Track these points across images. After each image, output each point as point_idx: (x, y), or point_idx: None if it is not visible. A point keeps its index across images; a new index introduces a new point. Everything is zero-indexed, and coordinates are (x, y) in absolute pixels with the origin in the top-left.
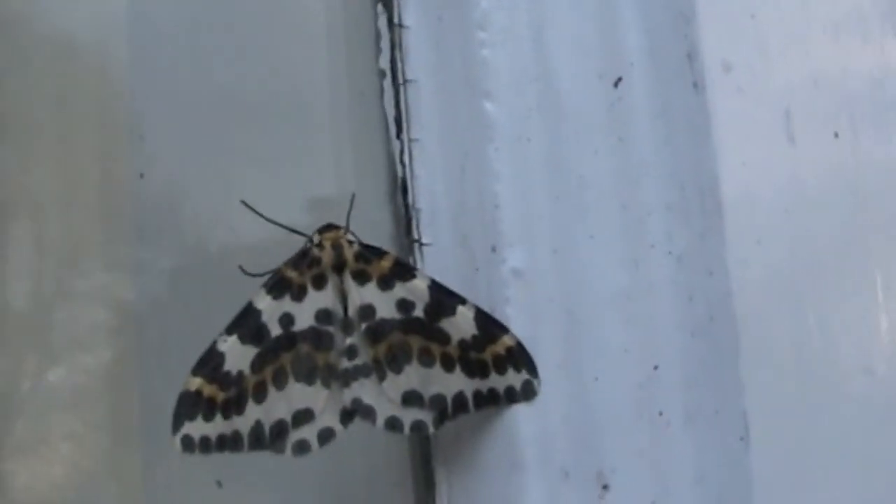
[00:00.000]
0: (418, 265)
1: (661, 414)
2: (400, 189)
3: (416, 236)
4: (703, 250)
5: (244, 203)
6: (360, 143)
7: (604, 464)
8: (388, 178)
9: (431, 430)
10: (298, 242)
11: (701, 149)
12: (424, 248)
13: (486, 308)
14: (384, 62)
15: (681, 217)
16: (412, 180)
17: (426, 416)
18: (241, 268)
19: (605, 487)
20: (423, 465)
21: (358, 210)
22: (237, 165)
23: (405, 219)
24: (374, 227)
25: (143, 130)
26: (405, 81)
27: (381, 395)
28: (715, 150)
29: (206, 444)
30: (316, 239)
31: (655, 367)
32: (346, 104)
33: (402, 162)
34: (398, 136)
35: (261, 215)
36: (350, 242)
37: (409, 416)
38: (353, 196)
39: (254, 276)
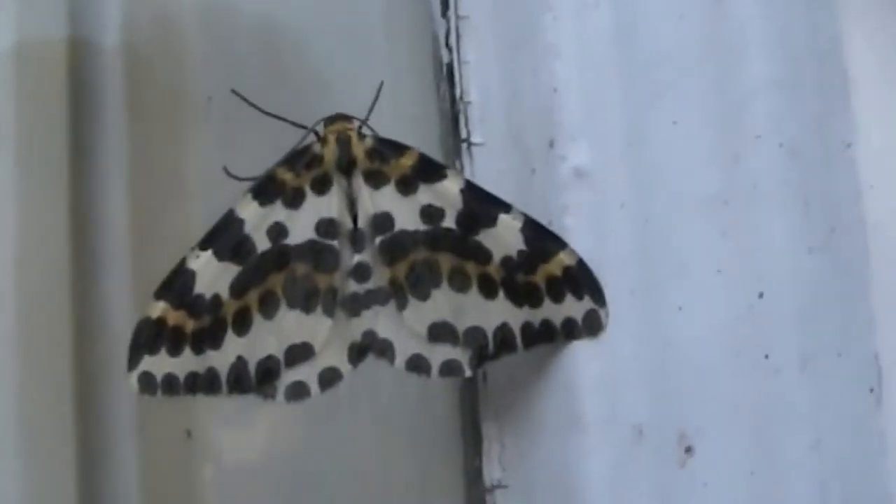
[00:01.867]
0: (467, 172)
1: (766, 357)
2: (446, 78)
3: (464, 135)
4: (824, 140)
5: (235, 92)
6: (397, 23)
7: (688, 421)
8: (433, 65)
9: (467, 372)
10: None
11: (820, 8)
12: (474, 150)
13: (540, 218)
14: None
15: (794, 97)
16: (460, 67)
17: (460, 356)
18: (224, 169)
19: (688, 451)
20: (472, 422)
21: (395, 104)
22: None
23: (451, 114)
24: (414, 125)
25: None
26: None
27: (402, 327)
28: (838, 11)
29: (171, 385)
30: (320, 132)
31: (760, 295)
32: None
33: (448, 45)
34: (444, 13)
35: (254, 105)
36: (362, 136)
37: (437, 354)
38: (382, 84)
39: (240, 179)
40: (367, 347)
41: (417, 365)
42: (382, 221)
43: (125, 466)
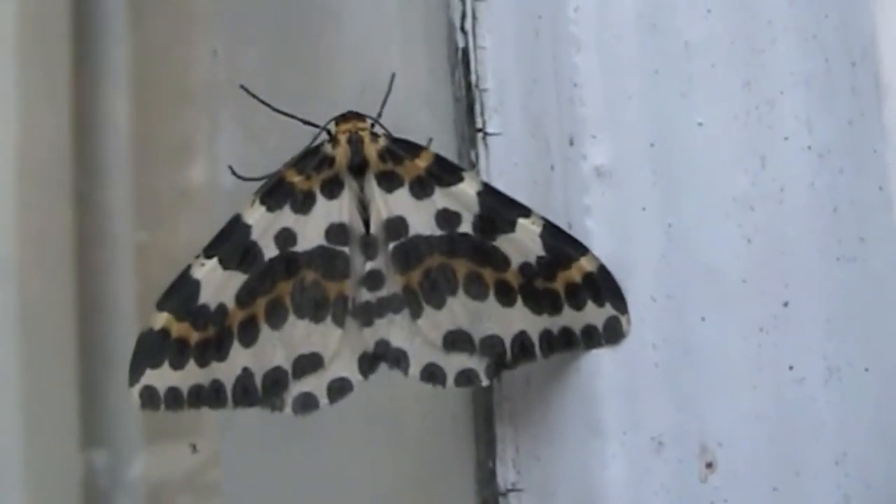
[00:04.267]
0: (482, 163)
1: (791, 368)
2: (461, 64)
3: (479, 124)
4: (854, 143)
5: (244, 88)
6: (410, 4)
7: (709, 434)
8: (447, 51)
9: (484, 382)
10: None
11: (854, 9)
12: (490, 140)
13: (559, 218)
14: None
15: (824, 98)
16: (475, 52)
17: (477, 364)
18: (230, 168)
19: (709, 466)
20: (485, 423)
21: (407, 93)
22: None
23: (466, 101)
24: (428, 115)
25: None
26: None
27: (416, 335)
28: (872, 12)
29: (174, 399)
30: (333, 131)
31: (785, 304)
32: None
33: (463, 29)
34: None
35: (263, 102)
36: (375, 136)
37: (453, 363)
38: (393, 76)
39: (246, 179)
40: (381, 357)
41: (432, 374)
42: (396, 226)
43: None
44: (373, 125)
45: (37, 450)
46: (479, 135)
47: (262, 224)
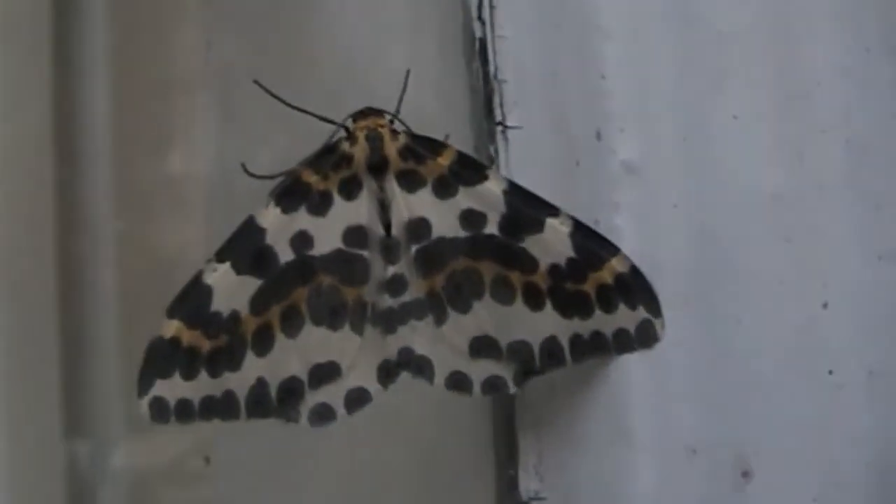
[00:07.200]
0: (502, 158)
1: (830, 373)
2: (478, 54)
3: (498, 117)
4: None
5: (257, 83)
6: None
7: (746, 442)
8: (464, 41)
9: (511, 389)
10: None
11: None
12: (510, 134)
13: (585, 216)
14: None
15: (864, 89)
16: (494, 42)
17: (504, 371)
18: (243, 166)
19: (745, 475)
20: (506, 431)
21: (422, 86)
22: None
23: (484, 95)
24: (442, 108)
25: None
26: None
27: (441, 342)
28: None
29: (185, 410)
30: (351, 128)
31: (824, 305)
32: None
33: (480, 17)
34: None
35: (278, 98)
36: (395, 133)
37: (479, 370)
38: (409, 73)
39: (260, 177)
40: (404, 365)
41: (458, 382)
42: (418, 228)
43: None
44: (392, 121)
45: (19, 439)
46: (499, 129)
47: (277, 227)
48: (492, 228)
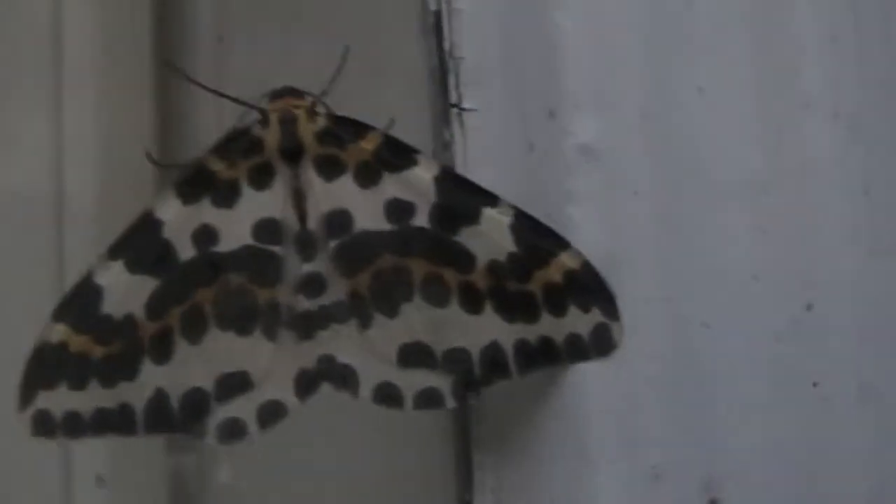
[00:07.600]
0: (458, 144)
1: (815, 385)
2: (433, 29)
3: (454, 98)
4: (889, 113)
5: (168, 63)
6: None
7: (715, 464)
8: (417, 14)
9: (450, 403)
10: None
11: None
12: (466, 117)
13: (540, 209)
14: None
15: (853, 59)
16: (450, 16)
17: (440, 383)
18: (148, 154)
19: (713, 503)
20: (462, 451)
21: (371, 60)
22: None
23: (439, 73)
24: (394, 90)
25: None
26: None
27: (366, 350)
28: None
29: (73, 424)
30: (267, 108)
31: (808, 307)
32: None
33: None
34: None
35: (194, 82)
36: (314, 115)
37: (411, 382)
38: (347, 49)
39: (165, 165)
40: (324, 376)
41: (387, 396)
42: (338, 220)
43: None
44: (313, 103)
45: (125, 453)
46: (454, 110)
47: (178, 220)
48: (421, 220)
